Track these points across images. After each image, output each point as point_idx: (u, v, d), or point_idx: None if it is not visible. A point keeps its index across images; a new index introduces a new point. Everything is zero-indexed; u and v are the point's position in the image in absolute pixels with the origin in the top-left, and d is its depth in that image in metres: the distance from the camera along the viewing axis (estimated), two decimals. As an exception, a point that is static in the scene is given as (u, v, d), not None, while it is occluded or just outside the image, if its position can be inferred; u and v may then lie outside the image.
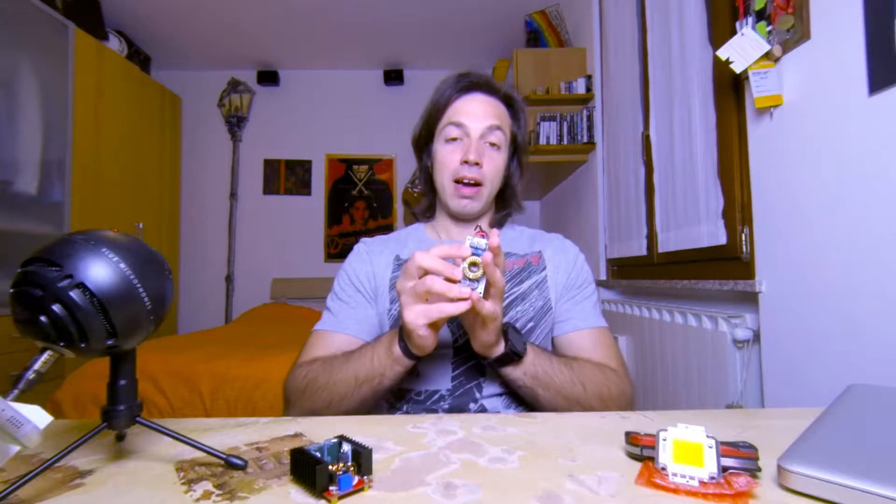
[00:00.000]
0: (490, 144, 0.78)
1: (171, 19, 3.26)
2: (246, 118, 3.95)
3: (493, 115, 0.78)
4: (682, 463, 0.36)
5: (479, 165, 0.76)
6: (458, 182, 0.78)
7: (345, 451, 0.37)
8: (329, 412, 0.65)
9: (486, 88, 0.80)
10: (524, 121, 0.84)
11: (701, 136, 1.51)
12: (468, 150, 0.76)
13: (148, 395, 1.70)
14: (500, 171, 0.81)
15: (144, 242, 0.39)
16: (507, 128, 0.81)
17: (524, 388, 0.65)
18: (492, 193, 0.81)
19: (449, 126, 0.79)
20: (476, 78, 0.80)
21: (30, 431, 0.31)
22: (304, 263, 3.90)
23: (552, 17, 2.89)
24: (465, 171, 0.77)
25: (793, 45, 1.07)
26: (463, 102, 0.79)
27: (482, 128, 0.77)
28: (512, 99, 0.82)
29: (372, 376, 0.63)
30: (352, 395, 0.64)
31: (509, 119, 0.82)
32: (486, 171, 0.78)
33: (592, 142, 2.42)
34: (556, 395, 0.65)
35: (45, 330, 0.34)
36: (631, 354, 1.88)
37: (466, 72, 0.81)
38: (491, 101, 0.80)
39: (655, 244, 1.82)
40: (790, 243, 1.11)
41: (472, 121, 0.77)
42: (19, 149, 2.32)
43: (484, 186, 0.78)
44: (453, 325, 0.74)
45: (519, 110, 0.83)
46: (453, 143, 0.79)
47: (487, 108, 0.78)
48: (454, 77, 0.81)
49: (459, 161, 0.77)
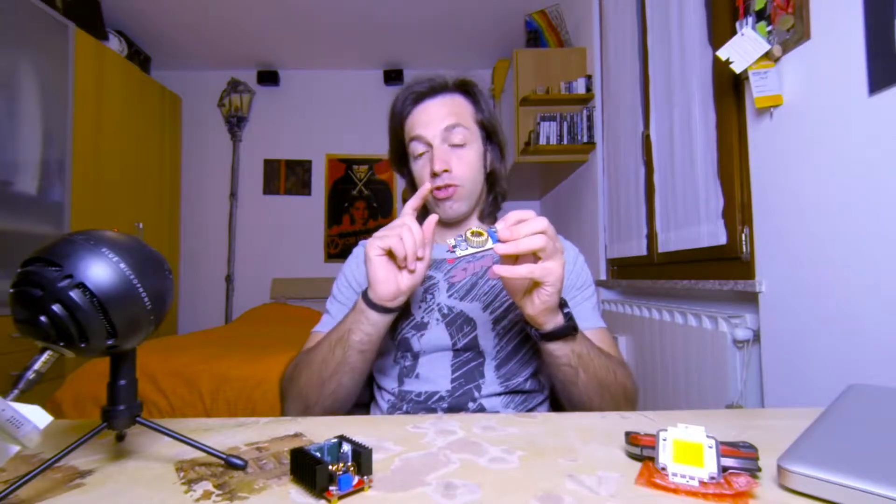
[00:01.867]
0: (454, 146, 0.76)
1: (171, 19, 3.26)
2: (246, 118, 3.95)
3: (448, 114, 0.76)
4: (682, 463, 0.36)
5: (448, 171, 0.75)
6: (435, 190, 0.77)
7: (345, 451, 0.37)
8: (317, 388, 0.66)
9: (432, 91, 0.78)
10: (486, 102, 0.81)
11: (701, 136, 1.51)
12: (433, 161, 0.75)
13: (148, 395, 1.70)
14: (474, 166, 0.78)
15: (144, 242, 0.39)
16: (467, 119, 0.78)
17: (568, 368, 0.63)
18: (472, 190, 0.79)
19: (412, 143, 0.78)
20: (420, 86, 0.78)
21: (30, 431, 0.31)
22: (304, 263, 3.90)
23: (552, 17, 2.89)
24: (437, 181, 0.76)
25: (793, 45, 1.07)
26: (416, 114, 0.78)
27: (440, 132, 0.75)
28: (467, 86, 0.80)
29: (341, 335, 0.65)
30: (329, 359, 0.65)
31: (470, 107, 0.79)
32: (458, 173, 0.76)
33: (592, 142, 2.42)
34: (593, 378, 0.63)
35: (45, 330, 0.34)
36: (631, 354, 1.88)
37: (413, 81, 0.80)
38: (444, 101, 0.77)
39: (655, 244, 1.82)
40: (790, 243, 1.11)
41: (427, 130, 0.76)
42: (19, 149, 2.32)
43: (460, 186, 0.77)
44: (452, 328, 0.74)
45: (478, 94, 0.80)
46: (421, 158, 0.78)
47: (440, 110, 0.77)
48: (402, 92, 0.80)
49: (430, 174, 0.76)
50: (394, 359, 0.77)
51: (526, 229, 0.53)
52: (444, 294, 0.77)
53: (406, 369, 0.75)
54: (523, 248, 0.53)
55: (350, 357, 0.64)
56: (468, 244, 0.54)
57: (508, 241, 0.53)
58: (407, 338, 0.74)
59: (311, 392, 0.66)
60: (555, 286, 0.55)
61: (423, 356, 0.74)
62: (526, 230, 0.53)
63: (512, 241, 0.53)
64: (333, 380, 0.65)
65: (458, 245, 0.54)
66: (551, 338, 0.61)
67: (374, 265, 0.61)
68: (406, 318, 0.75)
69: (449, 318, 0.75)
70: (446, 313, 0.75)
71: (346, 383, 0.66)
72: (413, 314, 0.75)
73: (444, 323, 0.74)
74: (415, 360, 0.75)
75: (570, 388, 0.65)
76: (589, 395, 0.64)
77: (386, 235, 0.61)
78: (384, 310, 0.63)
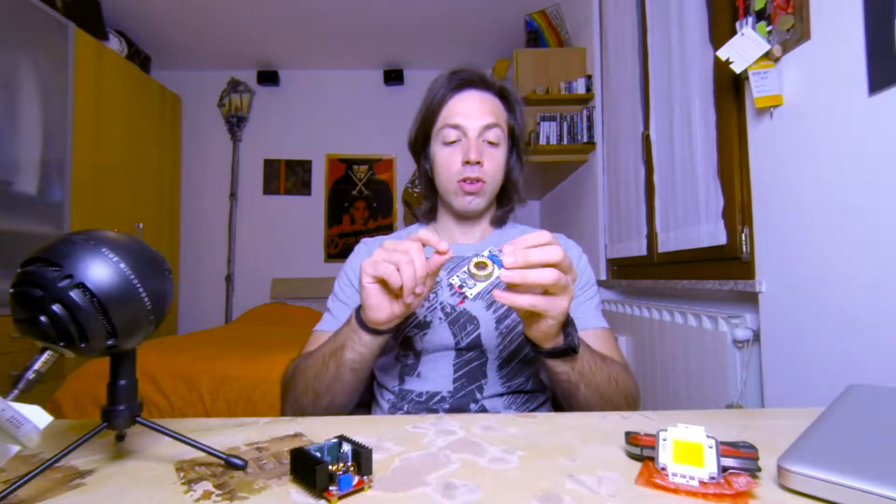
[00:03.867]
0: (488, 143, 0.77)
1: (171, 19, 3.26)
2: (246, 118, 3.95)
3: (489, 112, 0.77)
4: (682, 463, 0.36)
5: (480, 164, 0.76)
6: (462, 181, 0.77)
7: (345, 451, 0.37)
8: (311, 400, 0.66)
9: (480, 84, 0.78)
10: (520, 113, 0.82)
11: (701, 136, 1.51)
12: (468, 151, 0.75)
13: (148, 395, 1.70)
14: (501, 167, 0.80)
15: (144, 242, 0.39)
16: (503, 123, 0.79)
17: (567, 384, 0.62)
18: (494, 190, 0.80)
19: (445, 129, 0.77)
20: (469, 74, 0.78)
21: (30, 431, 0.31)
22: (304, 263, 3.90)
23: (552, 17, 2.89)
24: (468, 171, 0.76)
25: (793, 45, 1.07)
26: (457, 102, 0.77)
27: (479, 127, 0.76)
28: (506, 92, 0.81)
29: (335, 349, 0.63)
30: (323, 374, 0.64)
31: (505, 113, 0.80)
32: (488, 169, 0.77)
33: (592, 142, 2.42)
34: (594, 392, 0.63)
35: (45, 330, 0.34)
36: (631, 354, 1.88)
37: (458, 69, 0.79)
38: (486, 98, 0.78)
39: (655, 244, 1.82)
40: (790, 243, 1.11)
41: (468, 121, 0.76)
42: (19, 149, 2.32)
43: (486, 183, 0.78)
44: (455, 327, 0.74)
45: (514, 103, 0.82)
46: (452, 145, 0.77)
47: (483, 105, 0.77)
48: (446, 76, 0.79)
49: (461, 162, 0.76)
50: (396, 357, 0.77)
51: (536, 258, 0.49)
52: (446, 293, 0.77)
53: (408, 368, 0.75)
54: (531, 280, 0.49)
55: (343, 374, 0.63)
56: (475, 280, 0.51)
57: (514, 268, 0.49)
58: (409, 337, 0.74)
59: (306, 403, 0.66)
60: (557, 319, 0.53)
61: (425, 355, 0.74)
62: (536, 258, 0.49)
63: (518, 269, 0.49)
64: (327, 396, 0.65)
65: (464, 284, 0.51)
66: (550, 355, 0.60)
67: (366, 291, 0.57)
68: (409, 317, 0.75)
69: (452, 316, 0.75)
70: (449, 312, 0.75)
71: (339, 399, 0.66)
72: (415, 313, 0.75)
73: (447, 322, 0.74)
74: (417, 359, 0.75)
75: (570, 398, 0.65)
76: (590, 404, 0.64)
77: (383, 262, 0.54)
78: (377, 332, 0.61)
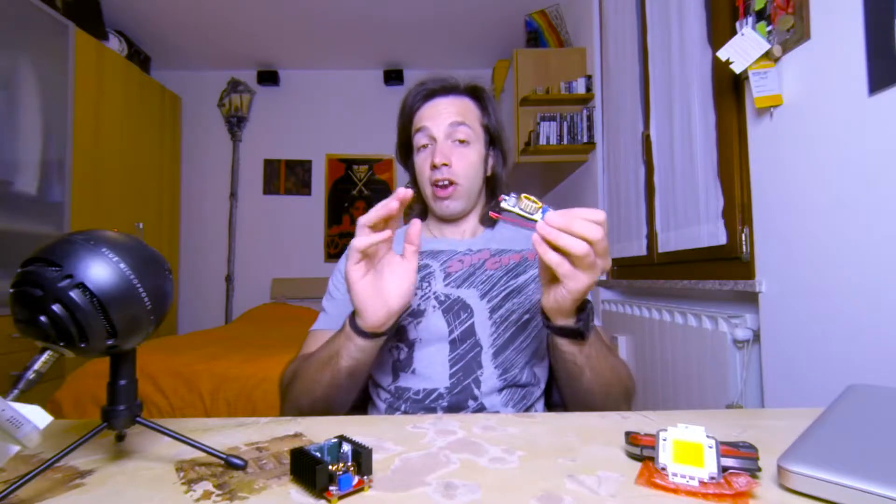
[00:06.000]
0: (458, 142, 0.79)
1: (171, 19, 3.26)
2: (246, 118, 3.95)
3: (455, 112, 0.79)
4: (682, 463, 0.36)
5: (447, 165, 0.77)
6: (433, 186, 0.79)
7: (345, 451, 0.37)
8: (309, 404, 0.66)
9: (444, 91, 0.81)
10: (493, 109, 0.84)
11: (701, 136, 1.51)
12: (434, 154, 0.77)
13: (148, 395, 1.70)
14: (475, 165, 0.80)
15: (144, 242, 0.39)
16: (473, 121, 0.81)
17: (574, 366, 0.62)
18: (471, 189, 0.80)
19: (417, 134, 0.80)
20: (433, 83, 0.81)
21: (30, 431, 0.31)
22: (303, 263, 3.90)
23: (552, 17, 2.89)
24: (437, 174, 0.77)
25: (793, 45, 1.07)
26: (426, 109, 0.80)
27: (444, 127, 0.78)
28: (476, 90, 0.83)
29: (331, 355, 0.63)
30: (319, 379, 0.64)
31: (477, 111, 0.82)
32: (458, 169, 0.78)
33: (592, 142, 2.42)
34: (597, 378, 0.63)
35: (45, 330, 0.34)
36: (631, 354, 1.88)
37: (427, 78, 0.82)
38: (453, 101, 0.80)
39: (655, 244, 1.82)
40: (790, 243, 1.11)
41: (433, 122, 0.78)
42: (19, 149, 2.32)
43: (459, 184, 0.78)
44: (449, 315, 0.74)
45: (487, 101, 0.83)
46: (424, 150, 0.80)
47: (449, 107, 0.79)
48: (414, 88, 0.82)
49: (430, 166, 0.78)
50: (388, 349, 0.76)
51: (578, 228, 0.49)
52: (440, 283, 0.77)
53: (401, 363, 0.74)
54: (561, 244, 0.49)
55: (339, 380, 0.63)
56: (518, 204, 0.50)
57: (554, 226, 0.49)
58: (403, 326, 0.74)
59: (303, 406, 0.66)
60: (573, 294, 0.53)
61: (418, 348, 0.74)
62: (577, 228, 0.49)
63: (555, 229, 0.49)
64: (323, 401, 0.65)
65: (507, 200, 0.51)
66: (558, 332, 0.60)
67: (357, 289, 0.57)
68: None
69: (445, 304, 0.75)
70: (443, 300, 0.75)
71: (337, 402, 0.67)
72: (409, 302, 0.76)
73: (441, 310, 0.74)
74: (410, 352, 0.74)
75: (573, 381, 0.65)
76: (592, 391, 0.64)
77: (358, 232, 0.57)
78: (373, 335, 0.61)
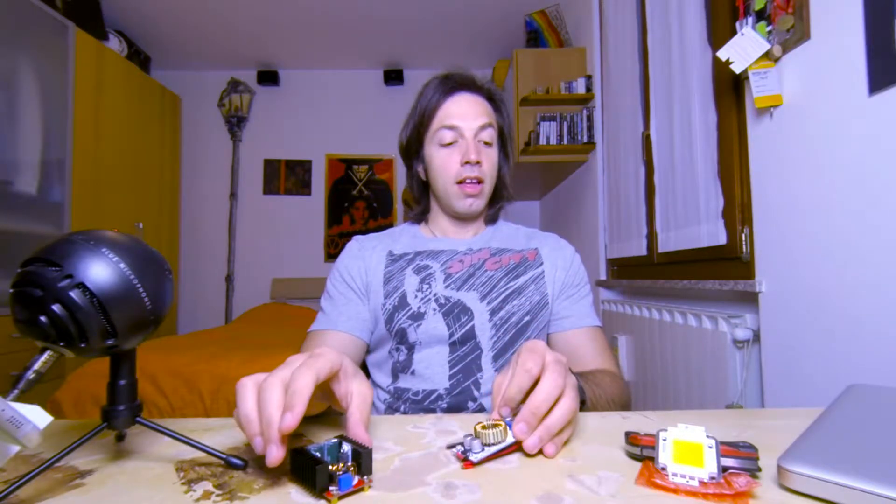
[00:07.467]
0: (484, 143, 0.80)
1: (171, 19, 3.26)
2: (246, 118, 3.95)
3: (483, 113, 0.80)
4: (682, 463, 0.36)
5: (479, 164, 0.78)
6: (461, 183, 0.79)
7: (345, 451, 0.37)
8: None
9: (471, 87, 0.81)
10: (507, 112, 0.86)
11: (701, 136, 1.51)
12: (468, 151, 0.77)
13: (148, 395, 1.70)
14: (496, 166, 0.83)
15: (144, 242, 0.39)
16: (495, 123, 0.83)
17: None
18: (491, 189, 0.83)
19: (442, 130, 0.79)
20: (460, 78, 0.81)
21: (30, 431, 0.31)
22: (303, 263, 3.90)
23: (552, 17, 2.89)
24: (468, 171, 0.78)
25: (793, 45, 1.07)
26: (451, 104, 0.80)
27: (476, 127, 0.79)
28: (493, 93, 0.84)
29: None
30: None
31: (494, 114, 0.84)
32: (486, 169, 0.80)
33: (592, 142, 2.42)
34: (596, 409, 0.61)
35: (45, 330, 0.34)
36: (631, 354, 1.88)
37: (448, 73, 0.82)
38: (477, 100, 0.81)
39: (655, 244, 1.82)
40: (790, 243, 1.11)
41: (465, 122, 0.79)
42: (19, 149, 2.32)
43: (485, 183, 0.80)
44: (449, 318, 0.74)
45: (500, 103, 0.85)
46: (449, 147, 0.79)
47: (477, 107, 0.80)
48: (438, 80, 0.82)
49: (460, 163, 0.78)
50: (388, 351, 0.76)
51: (557, 426, 0.41)
52: (440, 284, 0.77)
53: (401, 364, 0.75)
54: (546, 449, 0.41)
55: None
56: (485, 444, 0.40)
57: (531, 430, 0.41)
58: (404, 328, 0.74)
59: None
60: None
61: (418, 350, 0.74)
62: (557, 427, 0.41)
63: (536, 437, 0.41)
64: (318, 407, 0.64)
65: (472, 451, 0.39)
66: None
67: None
68: (403, 309, 0.75)
69: (446, 307, 0.75)
70: (443, 303, 0.75)
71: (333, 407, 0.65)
72: (409, 304, 0.75)
73: (441, 313, 0.74)
74: (410, 354, 0.74)
75: None
76: None
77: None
78: None
